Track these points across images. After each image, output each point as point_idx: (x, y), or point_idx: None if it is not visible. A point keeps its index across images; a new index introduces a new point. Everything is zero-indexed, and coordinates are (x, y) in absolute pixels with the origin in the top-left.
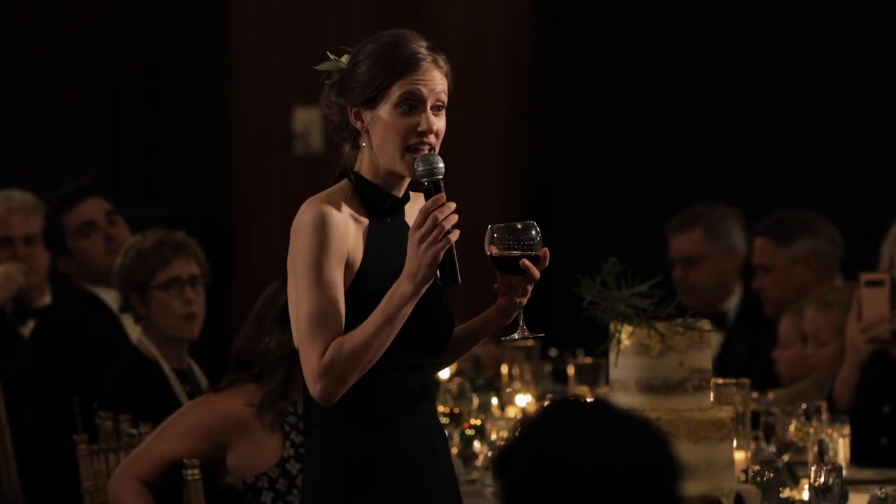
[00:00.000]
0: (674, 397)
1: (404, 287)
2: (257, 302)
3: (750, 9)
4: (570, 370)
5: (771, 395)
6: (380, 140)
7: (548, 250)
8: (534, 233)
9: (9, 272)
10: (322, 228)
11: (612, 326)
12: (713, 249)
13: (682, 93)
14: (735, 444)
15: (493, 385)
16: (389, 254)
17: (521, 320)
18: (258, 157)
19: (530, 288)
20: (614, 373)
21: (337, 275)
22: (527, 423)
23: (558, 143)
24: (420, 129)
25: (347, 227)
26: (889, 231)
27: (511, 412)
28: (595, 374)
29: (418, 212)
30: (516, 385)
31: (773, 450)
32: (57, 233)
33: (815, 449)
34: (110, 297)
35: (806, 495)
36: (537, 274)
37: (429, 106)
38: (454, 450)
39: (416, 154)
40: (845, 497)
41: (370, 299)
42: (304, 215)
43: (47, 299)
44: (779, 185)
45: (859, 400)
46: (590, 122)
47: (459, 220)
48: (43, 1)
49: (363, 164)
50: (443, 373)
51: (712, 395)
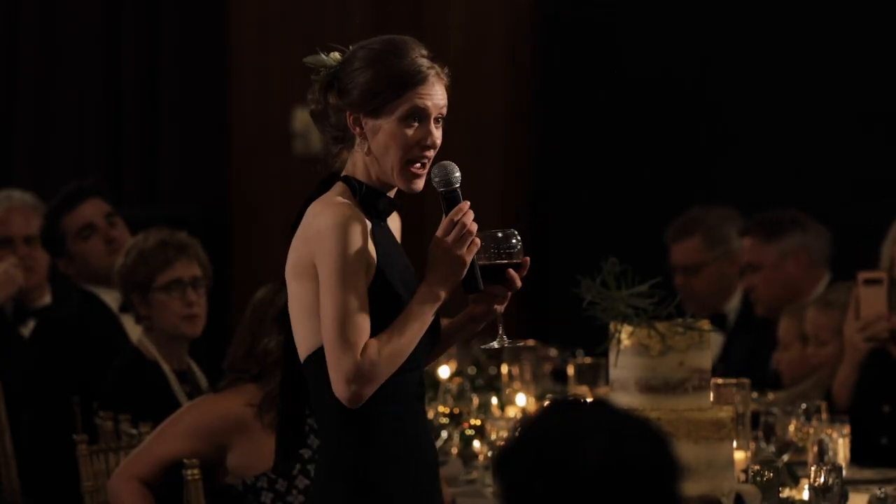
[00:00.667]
0: (674, 397)
1: (438, 291)
2: (248, 309)
3: (750, 9)
4: (570, 370)
5: (771, 396)
6: (381, 149)
7: (528, 259)
8: (514, 241)
9: (9, 271)
10: (349, 232)
11: (612, 326)
12: (713, 256)
13: (682, 93)
14: (735, 444)
15: (493, 385)
16: (395, 256)
17: (500, 328)
18: (258, 156)
19: (510, 295)
20: (614, 373)
21: (363, 278)
22: (527, 423)
23: (558, 143)
24: (424, 144)
25: (367, 230)
26: (889, 231)
27: (511, 412)
28: (595, 374)
29: (445, 220)
30: (516, 385)
31: (772, 450)
32: (56, 235)
33: (815, 449)
34: (110, 298)
35: (806, 495)
36: (520, 282)
37: (431, 119)
38: (454, 450)
39: (414, 166)
40: (845, 497)
41: (389, 302)
42: (327, 219)
43: (47, 299)
44: (779, 185)
45: (859, 400)
46: (590, 122)
47: None
48: (43, 1)
49: (357, 168)
50: (443, 373)
51: (712, 395)
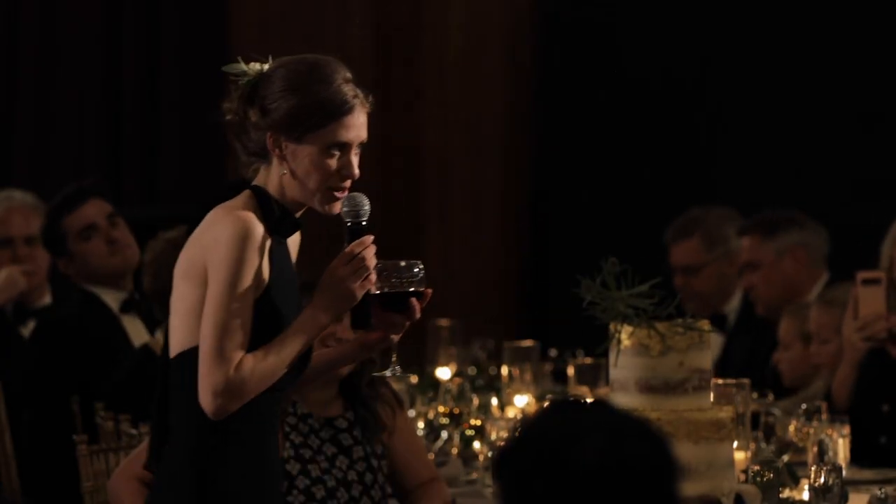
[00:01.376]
0: (674, 397)
1: (320, 318)
2: None
3: (750, 9)
4: (570, 370)
5: (771, 397)
6: (301, 173)
7: (430, 291)
8: (417, 270)
9: (12, 275)
10: (246, 245)
11: (612, 326)
12: (713, 256)
13: (682, 93)
14: (735, 444)
15: (493, 385)
16: (288, 276)
17: (393, 357)
18: None
19: (407, 325)
20: (614, 373)
21: (251, 292)
22: (526, 423)
23: (558, 143)
24: (343, 174)
25: (265, 246)
26: (889, 231)
27: (511, 412)
28: (595, 374)
29: (345, 250)
30: (516, 385)
31: (772, 450)
32: (58, 235)
33: (815, 449)
34: (111, 298)
35: (806, 495)
36: (419, 313)
37: (353, 149)
38: (454, 450)
39: (334, 193)
40: (845, 497)
41: (273, 320)
42: (226, 228)
43: (47, 299)
44: (779, 185)
45: (858, 399)
46: (590, 122)
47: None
48: (43, 1)
49: (270, 183)
50: (443, 373)
51: (712, 395)
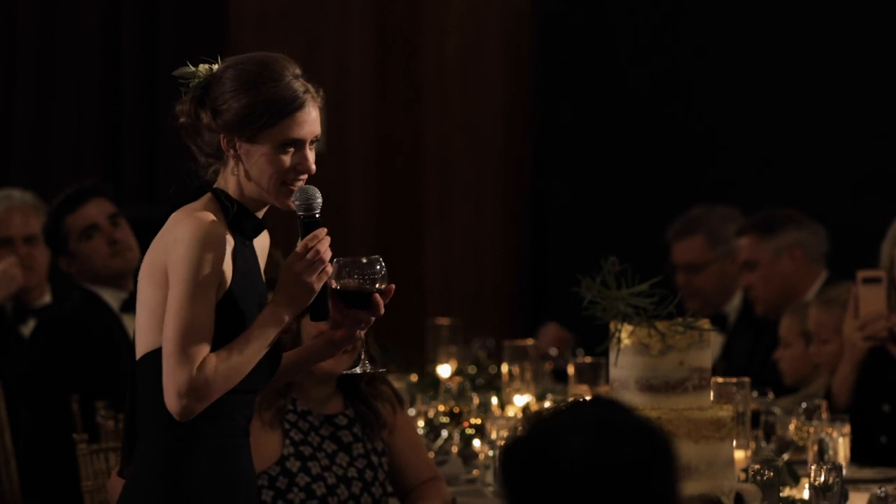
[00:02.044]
0: (674, 396)
1: (282, 314)
2: None
3: (749, 9)
4: (570, 370)
5: (771, 396)
6: (256, 172)
7: (393, 286)
8: (378, 266)
9: (8, 270)
10: (206, 244)
11: (612, 326)
12: (715, 255)
13: (682, 93)
14: (735, 443)
15: (494, 384)
16: (253, 277)
17: (362, 354)
18: None
19: (373, 321)
20: (614, 372)
21: (213, 293)
22: (526, 422)
23: (558, 143)
24: (299, 169)
25: (225, 246)
26: (889, 231)
27: (511, 411)
28: (595, 374)
29: (300, 243)
30: (516, 384)
31: (772, 449)
32: (60, 234)
33: (815, 448)
34: (111, 297)
35: (806, 494)
36: (382, 309)
37: (307, 145)
38: (454, 449)
39: (290, 187)
40: (845, 496)
41: (234, 321)
42: (187, 230)
43: (47, 298)
44: (779, 185)
45: (858, 399)
46: (589, 122)
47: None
48: (43, 1)
49: (228, 185)
50: (443, 372)
51: (712, 394)
